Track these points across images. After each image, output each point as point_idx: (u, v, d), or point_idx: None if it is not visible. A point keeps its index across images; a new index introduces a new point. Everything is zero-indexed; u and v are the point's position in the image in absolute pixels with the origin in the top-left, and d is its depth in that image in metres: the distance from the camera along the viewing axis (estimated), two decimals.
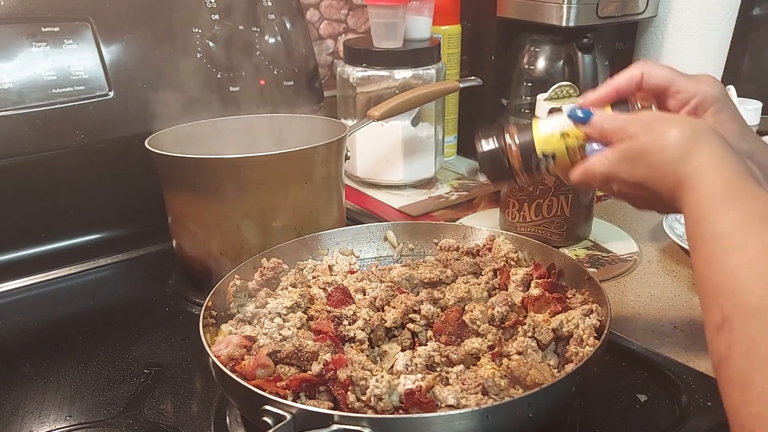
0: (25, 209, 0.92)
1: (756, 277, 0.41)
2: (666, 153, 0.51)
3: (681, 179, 0.50)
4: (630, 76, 0.60)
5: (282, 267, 0.72)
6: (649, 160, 0.53)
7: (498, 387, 0.53)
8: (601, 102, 0.61)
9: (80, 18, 0.89)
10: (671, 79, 0.59)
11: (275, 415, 0.49)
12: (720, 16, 1.14)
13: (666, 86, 0.60)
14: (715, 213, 0.46)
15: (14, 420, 0.63)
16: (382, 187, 1.17)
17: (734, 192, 0.47)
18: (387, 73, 1.11)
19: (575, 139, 0.60)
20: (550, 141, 0.61)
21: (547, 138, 0.61)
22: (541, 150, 0.61)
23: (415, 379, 0.53)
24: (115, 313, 0.83)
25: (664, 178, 0.51)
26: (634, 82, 0.60)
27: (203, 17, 0.98)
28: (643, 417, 0.62)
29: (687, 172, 0.50)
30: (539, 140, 0.61)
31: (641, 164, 0.53)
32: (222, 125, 0.93)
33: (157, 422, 0.63)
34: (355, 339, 0.61)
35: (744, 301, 0.40)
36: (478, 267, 0.73)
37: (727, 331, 0.40)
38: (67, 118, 0.87)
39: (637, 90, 0.61)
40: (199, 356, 0.69)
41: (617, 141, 0.56)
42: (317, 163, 0.82)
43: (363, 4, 1.31)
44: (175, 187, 0.83)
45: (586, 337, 0.59)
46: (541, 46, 1.18)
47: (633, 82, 0.60)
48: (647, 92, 0.60)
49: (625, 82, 0.61)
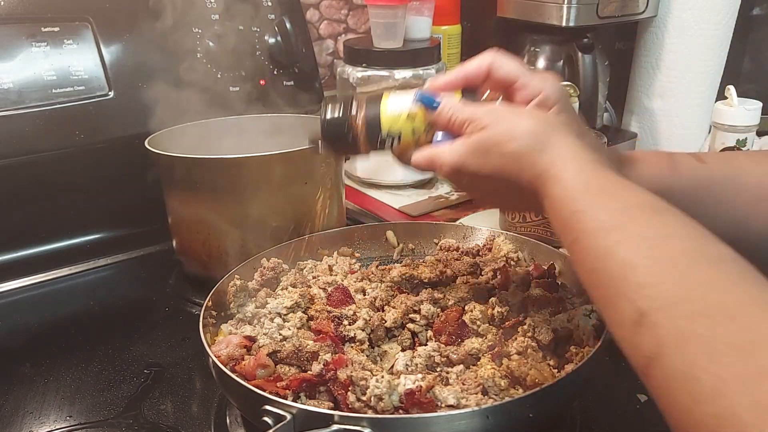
0: (25, 209, 0.92)
1: (658, 266, 0.39)
2: (520, 143, 0.51)
3: (540, 171, 0.50)
4: (479, 64, 0.58)
5: (282, 267, 0.72)
6: (503, 150, 0.52)
7: (498, 387, 0.53)
8: (450, 88, 0.59)
9: (80, 18, 0.89)
10: (518, 74, 0.58)
11: (275, 415, 0.49)
12: (720, 16, 1.14)
13: (513, 80, 0.58)
14: (591, 205, 0.45)
15: (14, 420, 0.63)
16: (382, 187, 1.17)
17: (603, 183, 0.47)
18: (387, 73, 1.11)
19: (421, 122, 0.58)
20: (397, 121, 0.59)
21: (394, 117, 0.59)
22: (386, 129, 0.59)
23: (415, 379, 0.53)
24: (115, 313, 0.83)
25: (520, 169, 0.51)
26: (483, 71, 0.58)
27: (203, 17, 0.98)
28: (643, 417, 0.62)
29: (546, 163, 0.49)
30: (386, 118, 0.59)
31: (494, 155, 0.52)
32: (222, 125, 0.93)
33: (157, 422, 0.63)
34: (355, 339, 0.61)
35: (657, 292, 0.38)
36: (478, 267, 0.73)
37: (649, 327, 0.38)
38: (67, 118, 0.87)
39: (485, 79, 0.59)
40: (199, 356, 0.69)
41: (466, 132, 0.54)
42: (317, 163, 0.82)
43: (363, 4, 1.31)
44: (175, 187, 0.83)
45: (586, 337, 0.59)
46: (541, 46, 1.18)
47: (482, 71, 0.58)
48: (495, 83, 0.59)
49: (474, 70, 0.59)
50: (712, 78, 1.19)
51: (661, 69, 1.20)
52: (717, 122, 1.07)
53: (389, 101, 0.60)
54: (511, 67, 0.58)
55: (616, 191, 0.46)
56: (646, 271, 0.40)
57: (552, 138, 0.51)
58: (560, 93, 0.58)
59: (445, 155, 0.56)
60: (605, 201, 0.46)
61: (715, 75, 1.19)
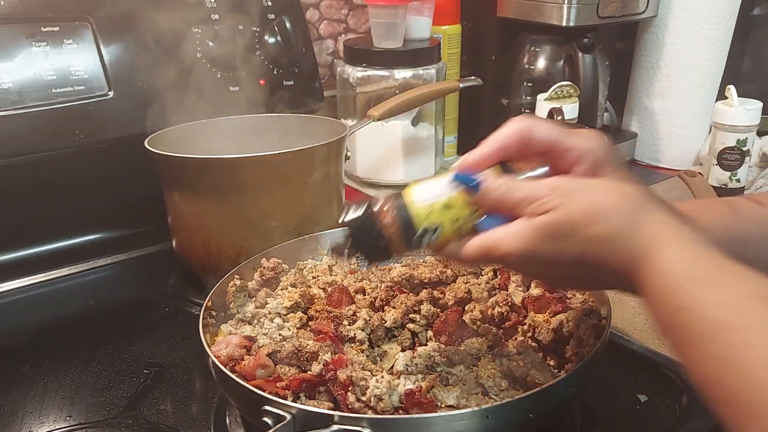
0: (25, 209, 0.92)
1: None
2: (608, 225, 0.44)
3: (634, 256, 0.43)
4: (510, 133, 0.51)
5: (282, 267, 0.72)
6: (587, 234, 0.44)
7: (498, 387, 0.53)
8: (485, 163, 0.51)
9: (80, 18, 0.89)
10: (556, 137, 0.51)
11: (275, 415, 0.49)
12: (720, 16, 1.14)
13: (552, 144, 0.51)
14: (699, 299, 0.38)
15: (14, 420, 0.63)
16: (382, 187, 1.17)
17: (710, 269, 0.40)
18: (387, 73, 1.11)
19: (461, 209, 0.50)
20: (431, 212, 0.51)
21: (426, 208, 0.51)
22: (421, 224, 0.50)
23: (415, 380, 0.53)
24: (115, 313, 0.83)
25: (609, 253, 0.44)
26: (516, 139, 0.51)
27: (203, 17, 0.98)
28: (643, 417, 0.62)
29: (640, 247, 0.43)
30: (418, 212, 0.50)
31: (574, 240, 0.45)
32: (222, 125, 0.93)
33: (157, 422, 0.63)
34: (355, 339, 0.61)
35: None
36: (478, 267, 0.73)
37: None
38: (67, 118, 0.87)
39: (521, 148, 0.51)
40: (199, 356, 0.69)
41: (527, 212, 0.47)
42: (317, 163, 0.82)
43: (363, 4, 1.31)
44: (175, 187, 0.83)
45: (586, 337, 0.59)
46: (541, 46, 1.18)
47: (515, 139, 0.51)
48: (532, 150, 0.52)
49: (506, 140, 0.51)
50: (712, 78, 1.19)
51: (661, 69, 1.20)
52: (717, 122, 1.07)
53: (415, 192, 0.52)
54: (547, 130, 0.51)
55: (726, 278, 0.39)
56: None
57: (643, 215, 0.44)
58: (607, 150, 0.51)
59: (505, 243, 0.47)
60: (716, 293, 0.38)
61: (715, 75, 1.19)
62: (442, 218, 0.50)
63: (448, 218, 0.50)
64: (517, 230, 0.47)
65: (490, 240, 0.48)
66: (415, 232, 0.50)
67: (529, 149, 0.51)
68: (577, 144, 0.50)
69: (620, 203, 0.44)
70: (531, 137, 0.51)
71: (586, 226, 0.44)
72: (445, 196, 0.51)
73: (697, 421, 0.59)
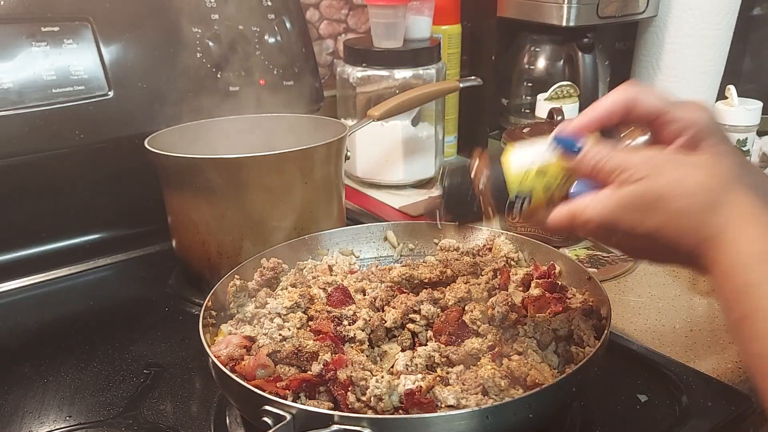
0: (25, 209, 0.92)
1: None
2: (690, 200, 0.44)
3: (709, 234, 0.44)
4: (615, 100, 0.52)
5: (282, 267, 0.72)
6: (668, 207, 0.45)
7: (498, 387, 0.53)
8: (586, 130, 0.52)
9: (80, 18, 0.89)
10: (662, 107, 0.51)
11: (275, 415, 0.49)
12: (720, 16, 1.14)
13: (656, 114, 0.52)
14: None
15: (14, 420, 0.63)
16: (382, 187, 1.17)
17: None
18: (387, 73, 1.11)
19: (555, 175, 0.51)
20: (525, 178, 0.51)
21: (521, 174, 0.51)
22: (515, 189, 0.51)
23: (415, 380, 0.53)
24: (115, 313, 0.83)
25: (687, 230, 0.45)
26: (621, 107, 0.52)
27: (203, 17, 0.98)
28: (643, 417, 0.62)
29: (718, 225, 0.44)
30: (513, 177, 0.51)
31: (655, 213, 0.46)
32: (222, 125, 0.93)
33: (157, 422, 0.63)
34: (355, 339, 0.61)
35: None
36: (478, 267, 0.73)
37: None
38: (67, 118, 0.87)
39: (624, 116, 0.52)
40: (199, 356, 0.69)
41: (617, 181, 0.48)
42: (317, 163, 0.82)
43: (363, 4, 1.31)
44: (175, 187, 0.83)
45: (586, 337, 0.59)
46: (541, 46, 1.18)
47: (619, 107, 0.52)
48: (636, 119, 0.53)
49: (611, 107, 0.52)
50: (712, 78, 1.19)
51: (661, 69, 1.20)
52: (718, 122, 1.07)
53: (512, 157, 0.52)
54: (654, 100, 0.51)
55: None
56: None
57: (728, 195, 0.44)
58: (710, 122, 0.52)
59: (589, 210, 0.48)
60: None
61: (715, 75, 1.19)
62: (535, 184, 0.51)
63: (542, 184, 0.51)
64: (603, 197, 0.48)
65: (576, 207, 0.49)
66: (507, 197, 0.51)
67: (633, 117, 0.52)
68: (681, 116, 0.51)
69: (708, 181, 0.45)
70: (635, 106, 0.51)
71: (668, 199, 0.45)
72: (540, 161, 0.51)
73: (697, 421, 0.59)
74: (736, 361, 0.69)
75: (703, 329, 0.75)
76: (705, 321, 0.76)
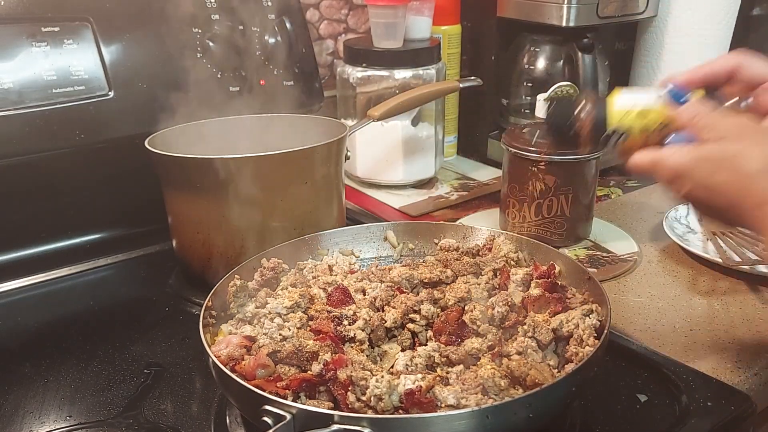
0: (25, 209, 0.92)
1: None
2: (756, 164, 0.48)
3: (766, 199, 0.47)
4: (724, 63, 0.56)
5: (282, 267, 0.72)
6: (736, 166, 0.49)
7: (498, 387, 0.53)
8: (691, 85, 0.56)
9: (80, 18, 0.89)
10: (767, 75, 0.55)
11: (275, 415, 0.49)
12: (720, 16, 1.14)
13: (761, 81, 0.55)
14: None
15: (14, 420, 0.63)
16: (382, 187, 1.17)
17: None
18: (387, 73, 1.11)
19: (655, 120, 0.55)
20: (627, 116, 0.56)
21: (623, 112, 0.56)
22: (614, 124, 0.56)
23: (415, 379, 0.53)
24: (115, 313, 0.83)
25: (746, 190, 0.49)
26: (728, 70, 0.56)
27: (203, 17, 0.98)
28: (643, 417, 0.62)
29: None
30: (614, 113, 0.56)
31: (724, 169, 0.49)
32: (222, 125, 0.93)
33: (157, 422, 0.63)
34: (355, 339, 0.61)
35: None
36: (478, 267, 0.73)
37: None
38: (67, 118, 0.87)
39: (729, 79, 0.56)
40: (199, 356, 0.69)
41: (704, 137, 0.51)
42: (317, 163, 0.82)
43: (363, 4, 1.31)
44: (175, 187, 0.83)
45: (586, 337, 0.59)
46: (541, 46, 1.18)
47: (727, 70, 0.56)
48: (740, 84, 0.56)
49: (719, 69, 0.56)
50: None
51: (661, 69, 1.20)
52: None
53: (619, 96, 0.57)
54: (761, 67, 0.56)
55: None
56: None
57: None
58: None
59: (671, 158, 0.52)
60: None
61: None
62: (634, 123, 0.55)
63: (640, 125, 0.55)
64: (684, 150, 0.52)
65: (660, 154, 0.53)
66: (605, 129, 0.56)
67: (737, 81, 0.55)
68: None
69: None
70: (741, 71, 0.55)
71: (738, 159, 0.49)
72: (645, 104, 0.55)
73: (697, 421, 0.59)
74: (736, 361, 0.69)
75: (703, 329, 0.75)
76: (705, 321, 0.76)
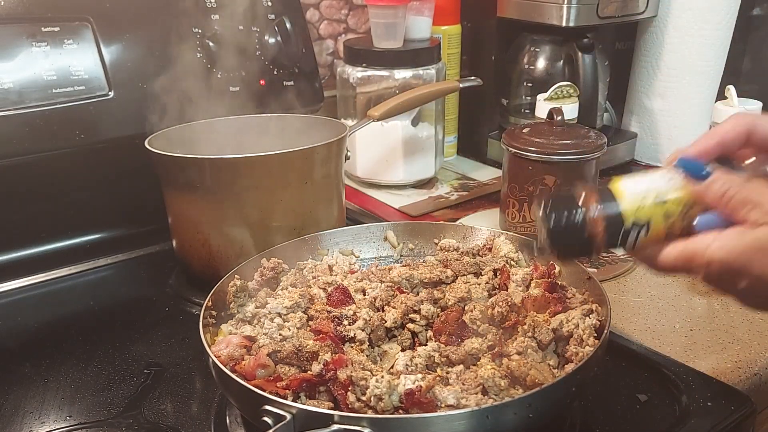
0: (25, 209, 0.92)
1: None
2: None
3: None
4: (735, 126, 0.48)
5: (282, 267, 0.72)
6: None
7: (498, 387, 0.53)
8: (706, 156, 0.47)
9: (80, 18, 0.89)
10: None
11: (275, 415, 0.49)
12: (720, 16, 1.14)
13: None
14: None
15: (14, 420, 0.63)
16: (382, 187, 1.17)
17: None
18: (387, 73, 1.11)
19: (677, 202, 0.46)
20: (642, 206, 0.46)
21: (637, 201, 0.46)
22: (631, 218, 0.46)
23: (415, 379, 0.53)
24: (115, 313, 0.83)
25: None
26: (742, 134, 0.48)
27: (203, 17, 0.98)
28: (643, 417, 0.62)
29: None
30: (628, 205, 0.46)
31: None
32: (222, 125, 0.93)
33: (157, 422, 0.63)
34: (355, 339, 0.61)
35: None
36: (478, 267, 0.73)
37: None
38: (67, 118, 0.87)
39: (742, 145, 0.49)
40: (199, 356, 0.69)
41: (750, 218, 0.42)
42: (317, 163, 0.82)
43: (363, 4, 1.31)
44: (175, 187, 0.83)
45: (586, 337, 0.59)
46: (541, 46, 1.18)
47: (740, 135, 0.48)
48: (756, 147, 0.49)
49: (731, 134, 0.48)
50: (712, 78, 1.19)
51: (661, 69, 1.20)
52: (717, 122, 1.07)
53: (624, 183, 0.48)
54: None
55: None
56: None
57: None
58: None
59: (714, 249, 0.43)
60: None
61: (715, 75, 1.19)
62: (654, 213, 0.46)
63: (661, 213, 0.46)
64: (732, 236, 0.42)
65: (698, 245, 0.44)
66: (622, 226, 0.46)
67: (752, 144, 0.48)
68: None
69: None
70: (755, 134, 0.48)
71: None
72: (660, 187, 0.46)
73: (697, 421, 0.59)
74: (736, 361, 0.69)
75: (703, 329, 0.75)
76: (705, 321, 0.76)
